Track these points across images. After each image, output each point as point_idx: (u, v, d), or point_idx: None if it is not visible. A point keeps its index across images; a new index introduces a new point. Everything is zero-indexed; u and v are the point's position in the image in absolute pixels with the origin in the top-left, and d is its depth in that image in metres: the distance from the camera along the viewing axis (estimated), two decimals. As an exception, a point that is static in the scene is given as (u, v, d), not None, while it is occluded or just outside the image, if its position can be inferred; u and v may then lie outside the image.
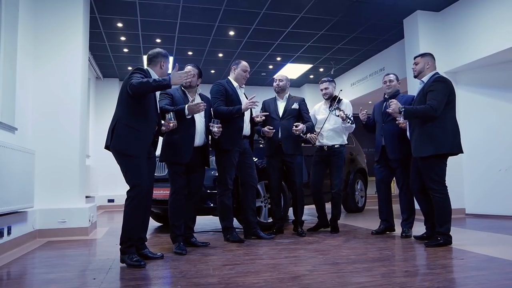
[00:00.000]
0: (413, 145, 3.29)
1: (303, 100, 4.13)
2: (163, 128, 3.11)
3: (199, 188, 3.49)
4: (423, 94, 3.26)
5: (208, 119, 3.47)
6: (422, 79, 3.39)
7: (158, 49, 3.06)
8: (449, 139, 3.17)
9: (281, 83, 4.08)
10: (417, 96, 3.36)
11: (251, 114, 3.82)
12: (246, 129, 3.74)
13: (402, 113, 3.22)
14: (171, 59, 7.62)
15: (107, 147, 2.83)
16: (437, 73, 3.36)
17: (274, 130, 3.85)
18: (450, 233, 3.25)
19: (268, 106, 4.09)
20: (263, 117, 3.77)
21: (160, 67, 3.00)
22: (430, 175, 3.21)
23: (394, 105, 3.27)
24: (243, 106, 3.57)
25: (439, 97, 3.14)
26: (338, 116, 3.96)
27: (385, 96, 3.93)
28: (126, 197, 2.77)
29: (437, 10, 5.83)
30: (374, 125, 4.00)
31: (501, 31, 4.92)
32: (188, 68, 3.39)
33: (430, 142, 3.16)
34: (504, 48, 4.88)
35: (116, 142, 2.76)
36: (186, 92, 3.42)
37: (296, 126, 3.78)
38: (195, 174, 3.40)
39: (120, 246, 2.74)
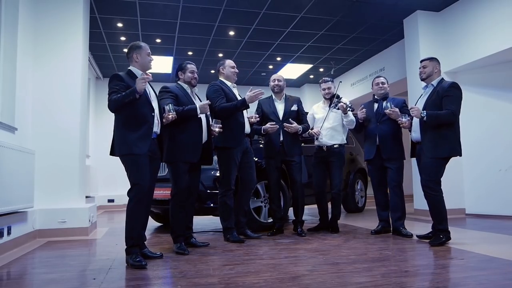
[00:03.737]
0: (427, 146, 3.35)
1: (299, 100, 4.16)
2: (163, 120, 3.07)
3: (197, 188, 3.47)
4: (438, 97, 3.34)
5: (206, 118, 3.45)
6: (431, 83, 3.47)
7: (130, 44, 3.02)
8: (458, 142, 3.33)
9: (280, 83, 4.07)
10: (429, 99, 3.40)
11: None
12: (247, 126, 3.73)
13: (425, 118, 3.26)
14: (170, 59, 7.62)
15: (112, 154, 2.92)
16: (443, 78, 3.50)
17: (277, 126, 3.85)
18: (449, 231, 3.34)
19: (266, 107, 4.06)
20: (258, 118, 3.82)
21: (135, 61, 2.96)
22: (432, 176, 3.31)
23: (416, 111, 3.32)
24: (247, 98, 3.52)
25: (457, 103, 3.29)
26: (339, 109, 3.97)
27: (375, 97, 4.09)
28: (128, 198, 2.82)
29: (437, 10, 5.83)
30: (363, 124, 4.09)
31: (501, 31, 4.91)
32: None
33: (446, 144, 3.28)
34: (504, 48, 4.87)
35: (117, 148, 2.83)
36: (189, 90, 3.41)
37: (291, 123, 3.83)
38: (193, 174, 3.39)
39: (125, 247, 2.79)
